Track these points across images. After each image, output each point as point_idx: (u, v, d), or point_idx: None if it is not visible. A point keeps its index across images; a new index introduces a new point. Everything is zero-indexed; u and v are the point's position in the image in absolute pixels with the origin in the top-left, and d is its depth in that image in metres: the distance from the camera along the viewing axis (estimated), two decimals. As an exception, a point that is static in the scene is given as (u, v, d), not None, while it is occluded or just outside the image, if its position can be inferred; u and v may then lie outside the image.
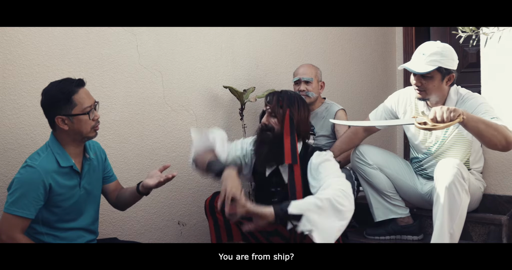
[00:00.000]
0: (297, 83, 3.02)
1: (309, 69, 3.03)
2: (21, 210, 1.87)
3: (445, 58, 2.30)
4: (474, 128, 2.09)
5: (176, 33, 2.79)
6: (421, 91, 2.38)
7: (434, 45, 2.33)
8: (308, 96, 2.96)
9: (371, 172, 2.59)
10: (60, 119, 1.93)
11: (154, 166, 2.70)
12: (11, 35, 2.20)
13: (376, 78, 4.04)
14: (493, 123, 2.12)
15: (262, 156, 2.31)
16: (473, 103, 2.34)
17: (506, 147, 2.13)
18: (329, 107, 3.05)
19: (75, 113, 1.94)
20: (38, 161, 1.91)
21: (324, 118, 3.04)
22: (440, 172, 2.23)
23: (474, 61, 3.85)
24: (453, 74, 2.35)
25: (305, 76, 2.98)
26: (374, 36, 4.01)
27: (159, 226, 2.75)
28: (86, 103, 1.96)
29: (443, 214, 2.17)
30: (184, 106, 2.83)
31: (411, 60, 2.39)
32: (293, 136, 2.25)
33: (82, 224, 2.05)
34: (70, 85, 1.95)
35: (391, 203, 2.61)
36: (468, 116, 2.07)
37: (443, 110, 2.04)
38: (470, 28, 1.97)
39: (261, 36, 3.21)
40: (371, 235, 2.67)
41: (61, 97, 1.92)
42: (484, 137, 2.12)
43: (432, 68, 2.29)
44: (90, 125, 1.98)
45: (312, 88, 2.99)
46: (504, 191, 2.66)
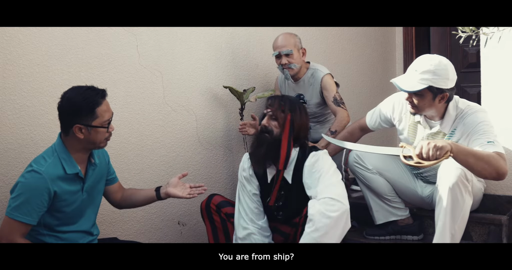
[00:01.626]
0: (278, 57, 2.94)
1: (286, 40, 2.91)
2: (23, 216, 1.85)
3: (438, 77, 2.17)
4: (463, 161, 2.02)
5: (176, 33, 2.79)
6: (413, 106, 2.30)
7: (428, 62, 2.19)
8: (291, 68, 2.91)
9: (371, 177, 2.57)
10: (78, 127, 1.91)
11: (154, 166, 2.71)
12: (11, 35, 2.20)
13: (376, 78, 4.04)
14: (485, 155, 2.03)
15: (259, 157, 2.32)
16: (472, 120, 2.24)
17: (497, 178, 2.06)
18: (314, 73, 2.97)
19: (95, 124, 1.93)
20: (45, 167, 1.89)
21: (311, 85, 2.98)
22: (443, 173, 2.20)
23: (474, 61, 3.86)
24: (446, 93, 2.22)
25: (284, 49, 2.89)
26: (374, 36, 4.01)
27: (159, 226, 2.75)
28: (106, 116, 1.95)
29: (445, 215, 2.14)
30: (184, 106, 2.83)
31: (404, 74, 2.29)
32: (289, 142, 2.27)
33: (82, 227, 2.05)
34: (95, 96, 1.92)
35: (391, 206, 2.60)
36: (457, 151, 1.98)
37: (430, 147, 1.96)
38: (470, 28, 1.96)
39: (261, 36, 3.21)
40: (371, 235, 2.66)
41: (84, 106, 1.90)
42: (474, 170, 2.05)
43: (422, 87, 2.17)
44: (104, 136, 1.98)
45: (294, 59, 2.91)
46: (504, 191, 2.66)
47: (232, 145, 3.06)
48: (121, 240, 2.34)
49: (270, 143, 2.28)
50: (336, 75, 3.68)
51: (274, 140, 2.28)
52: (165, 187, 2.25)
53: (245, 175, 2.40)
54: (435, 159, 1.96)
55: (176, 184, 2.24)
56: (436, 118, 2.35)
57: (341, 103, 2.90)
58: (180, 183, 2.25)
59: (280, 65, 2.94)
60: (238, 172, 2.46)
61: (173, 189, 2.22)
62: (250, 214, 2.33)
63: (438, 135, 2.34)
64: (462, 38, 2.00)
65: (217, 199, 2.46)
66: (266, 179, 2.36)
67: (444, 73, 2.18)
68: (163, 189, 2.24)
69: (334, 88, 2.93)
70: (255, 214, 2.34)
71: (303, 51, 3.00)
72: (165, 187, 2.25)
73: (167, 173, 2.76)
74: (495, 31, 2.00)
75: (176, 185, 2.24)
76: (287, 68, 2.91)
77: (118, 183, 2.26)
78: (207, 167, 2.95)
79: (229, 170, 3.05)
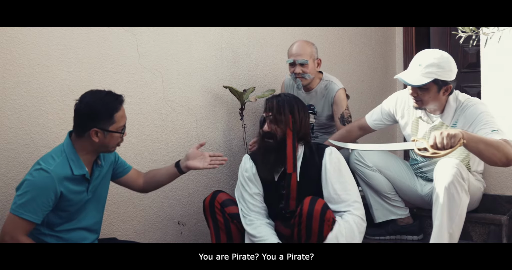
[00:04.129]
0: (292, 65, 2.87)
1: (303, 49, 2.83)
2: (28, 213, 1.86)
3: (442, 70, 2.23)
4: (474, 148, 2.06)
5: (176, 33, 2.78)
6: (417, 101, 2.34)
7: (431, 56, 2.26)
8: (304, 78, 2.85)
9: (371, 174, 2.58)
10: (95, 131, 1.94)
11: (154, 166, 2.71)
12: (11, 35, 2.20)
13: (376, 78, 4.04)
14: (494, 142, 2.07)
15: (269, 164, 2.32)
16: (473, 111, 2.28)
17: (507, 164, 2.09)
18: (328, 85, 2.92)
19: (112, 129, 1.96)
20: (53, 166, 1.90)
21: (324, 97, 2.92)
22: (439, 172, 2.22)
23: (474, 61, 3.85)
24: (450, 85, 2.28)
25: (299, 59, 2.81)
26: (374, 36, 4.01)
27: (159, 226, 2.75)
28: (122, 122, 1.99)
29: (442, 214, 2.16)
30: (184, 106, 2.83)
31: (407, 69, 2.34)
32: (294, 143, 2.28)
33: (85, 224, 2.06)
34: (114, 101, 1.96)
35: (391, 204, 2.61)
36: (468, 138, 2.02)
37: (443, 136, 1.99)
38: (470, 28, 1.97)
39: (261, 36, 3.21)
40: (371, 235, 2.66)
41: (103, 111, 1.94)
42: (484, 157, 2.09)
43: (428, 80, 2.23)
44: (117, 141, 2.01)
45: (308, 70, 2.83)
46: (504, 191, 2.66)
47: (232, 145, 3.06)
48: (120, 240, 2.34)
49: (277, 148, 2.29)
50: (336, 75, 3.68)
51: (279, 144, 2.29)
52: (184, 161, 2.23)
53: (248, 175, 2.39)
54: (450, 148, 1.99)
55: (195, 156, 2.21)
56: (437, 112, 2.39)
57: (347, 121, 2.87)
58: (198, 153, 2.22)
59: (293, 74, 2.87)
60: (239, 173, 2.45)
61: (192, 161, 2.20)
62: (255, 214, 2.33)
63: (441, 128, 2.37)
64: (462, 38, 2.00)
65: (222, 197, 2.41)
66: (271, 178, 2.36)
67: (448, 66, 2.25)
68: (182, 163, 2.23)
69: (345, 104, 2.88)
70: (260, 214, 2.34)
71: (319, 61, 2.92)
72: (184, 160, 2.23)
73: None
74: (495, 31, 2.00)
75: (195, 157, 2.21)
76: (300, 78, 2.85)
77: (133, 170, 2.26)
78: (207, 167, 2.95)
79: (229, 170, 3.05)
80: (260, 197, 2.38)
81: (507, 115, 2.59)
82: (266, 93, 2.94)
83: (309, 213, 2.15)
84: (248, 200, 2.35)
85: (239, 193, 2.40)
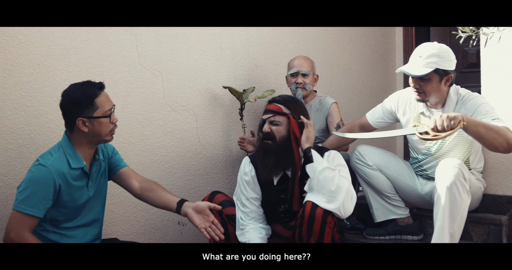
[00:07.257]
0: (293, 76, 2.99)
1: (306, 62, 3.01)
2: (30, 208, 1.88)
3: (442, 59, 2.29)
4: (475, 132, 2.08)
5: (176, 33, 2.79)
6: (420, 93, 2.38)
7: (431, 47, 2.32)
8: (305, 88, 2.96)
9: (371, 173, 2.58)
10: (81, 121, 1.95)
11: (154, 166, 2.71)
12: (11, 35, 2.20)
13: (376, 78, 4.04)
14: (494, 126, 2.10)
15: (269, 166, 2.32)
16: (473, 103, 2.33)
17: (508, 149, 2.11)
18: (322, 100, 3.05)
19: (97, 115, 1.96)
20: (51, 161, 1.93)
21: (318, 110, 3.03)
22: (441, 172, 2.22)
23: (474, 61, 3.85)
24: (451, 74, 2.34)
25: (303, 69, 2.96)
26: (374, 36, 4.01)
27: (159, 226, 2.75)
28: (107, 106, 1.99)
29: (443, 214, 2.16)
30: (184, 106, 2.83)
31: (408, 63, 2.39)
32: (298, 143, 2.28)
33: (87, 220, 2.07)
34: (92, 88, 1.98)
35: (391, 204, 2.61)
36: (468, 121, 2.05)
37: (443, 118, 2.02)
38: (470, 28, 1.97)
39: (261, 36, 3.21)
40: (371, 235, 2.66)
41: (83, 99, 1.95)
42: (485, 141, 2.10)
43: (429, 70, 2.28)
44: (109, 128, 2.01)
45: (309, 81, 2.98)
46: (504, 191, 2.66)
47: (232, 145, 3.06)
48: (121, 240, 2.34)
49: (277, 151, 2.29)
50: (336, 75, 3.69)
51: (278, 146, 2.29)
52: (189, 206, 2.09)
53: (247, 179, 2.39)
54: (450, 129, 2.02)
55: (201, 210, 2.07)
56: (438, 106, 2.43)
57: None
58: (206, 212, 2.08)
59: (294, 84, 2.96)
60: (238, 176, 2.45)
61: (194, 214, 2.06)
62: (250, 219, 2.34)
63: None
64: (462, 38, 2.01)
65: (220, 198, 2.41)
66: (270, 181, 2.36)
67: (447, 55, 2.31)
68: (186, 206, 2.09)
69: (339, 116, 3.01)
70: (255, 220, 2.35)
71: (316, 77, 3.07)
72: (189, 205, 2.09)
73: (167, 173, 2.76)
74: (495, 31, 2.01)
75: (201, 211, 2.08)
76: (301, 88, 2.95)
77: (127, 168, 2.20)
78: (207, 167, 2.95)
79: (229, 170, 3.05)
80: (258, 201, 2.38)
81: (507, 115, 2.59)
82: (265, 93, 2.94)
83: (311, 215, 2.14)
84: (245, 205, 2.36)
85: (238, 196, 2.41)
